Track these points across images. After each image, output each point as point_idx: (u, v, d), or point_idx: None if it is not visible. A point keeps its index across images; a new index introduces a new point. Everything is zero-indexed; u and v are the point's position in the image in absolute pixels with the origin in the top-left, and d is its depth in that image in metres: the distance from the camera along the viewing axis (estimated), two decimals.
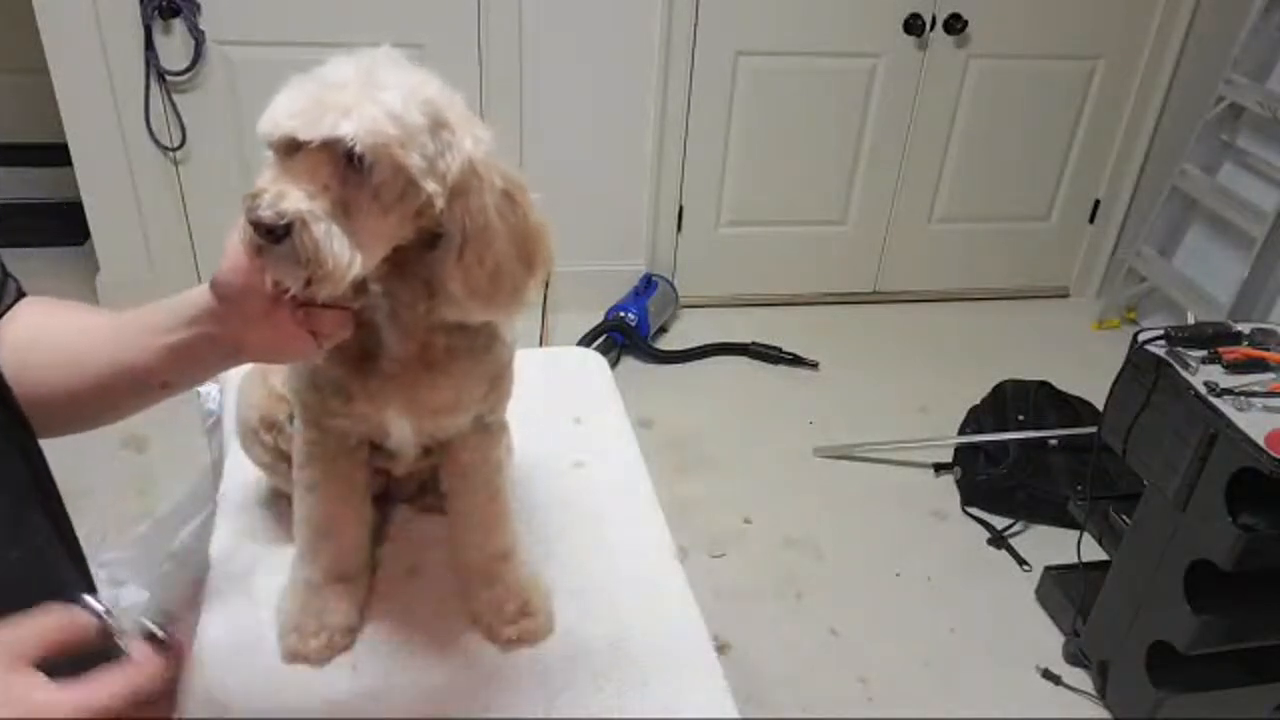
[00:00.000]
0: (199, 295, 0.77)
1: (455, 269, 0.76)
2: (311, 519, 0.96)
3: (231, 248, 0.74)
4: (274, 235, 0.68)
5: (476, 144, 0.76)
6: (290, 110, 0.71)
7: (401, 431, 0.90)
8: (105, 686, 0.54)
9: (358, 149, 0.69)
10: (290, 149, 0.71)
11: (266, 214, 0.68)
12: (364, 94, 0.71)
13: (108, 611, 0.55)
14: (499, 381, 0.92)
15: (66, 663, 0.54)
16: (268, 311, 0.75)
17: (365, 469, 0.97)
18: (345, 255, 0.69)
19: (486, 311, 0.81)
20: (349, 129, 0.69)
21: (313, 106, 0.70)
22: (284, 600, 0.97)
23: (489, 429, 0.96)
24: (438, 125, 0.74)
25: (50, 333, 0.81)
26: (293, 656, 0.94)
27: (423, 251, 0.78)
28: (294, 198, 0.68)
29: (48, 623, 0.54)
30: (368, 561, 1.01)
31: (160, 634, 0.56)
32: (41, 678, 0.53)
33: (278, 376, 1.01)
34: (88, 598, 0.55)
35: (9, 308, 0.81)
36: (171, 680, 0.57)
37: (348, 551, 0.98)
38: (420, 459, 0.99)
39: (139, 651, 0.56)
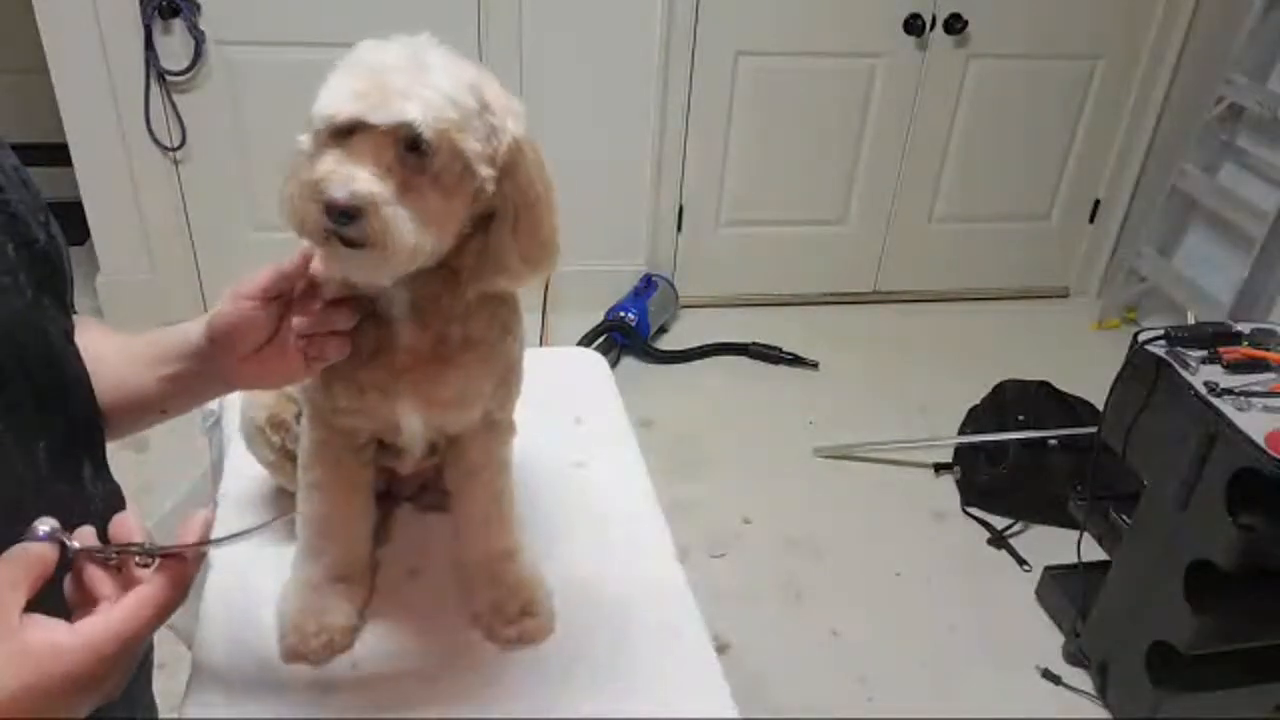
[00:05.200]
0: (194, 332, 0.80)
1: (511, 243, 0.78)
2: (315, 518, 0.95)
3: (234, 293, 0.77)
4: (346, 217, 0.68)
5: (517, 122, 0.77)
6: (354, 92, 0.70)
7: (412, 426, 0.90)
8: (118, 616, 0.55)
9: (424, 134, 0.69)
10: (344, 133, 0.70)
11: (340, 194, 0.67)
12: (420, 78, 0.71)
13: (54, 532, 0.56)
14: (509, 375, 0.92)
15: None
16: (260, 348, 0.78)
17: (370, 469, 0.97)
18: (412, 239, 0.70)
19: (536, 275, 0.82)
20: (416, 113, 0.68)
21: (375, 90, 0.70)
22: (284, 600, 0.97)
23: (497, 426, 0.96)
24: (483, 108, 0.75)
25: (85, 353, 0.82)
26: (293, 656, 0.94)
27: (469, 236, 0.79)
28: (365, 179, 0.68)
29: (21, 564, 0.55)
30: (369, 561, 1.01)
31: (159, 550, 0.58)
32: (34, 623, 0.53)
33: None
34: (38, 525, 0.56)
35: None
36: (184, 584, 0.59)
37: (350, 551, 0.98)
38: (425, 458, 0.99)
39: (144, 574, 0.58)
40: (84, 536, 0.58)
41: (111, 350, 0.83)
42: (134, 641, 0.56)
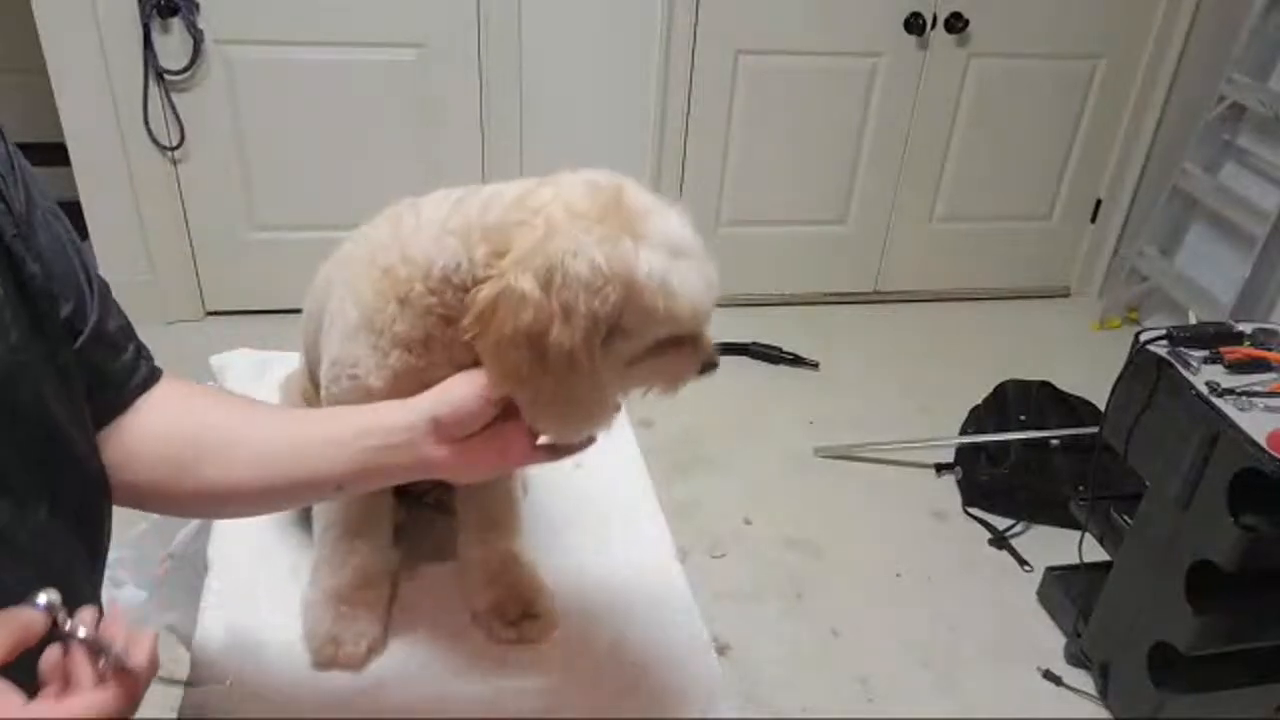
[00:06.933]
0: (405, 410, 0.76)
1: None
2: (342, 521, 0.95)
3: (465, 382, 0.76)
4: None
5: None
6: (709, 287, 0.74)
7: None
8: (77, 706, 0.55)
9: None
10: None
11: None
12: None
13: (52, 606, 0.56)
14: None
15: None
16: (471, 435, 0.76)
17: None
18: None
19: None
20: None
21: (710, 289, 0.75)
22: (313, 608, 0.96)
23: None
24: None
25: (230, 430, 0.78)
26: (329, 664, 0.94)
27: None
28: None
29: (8, 626, 0.55)
30: (392, 562, 1.01)
31: (126, 662, 0.57)
32: (8, 690, 0.53)
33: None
34: (39, 596, 0.56)
35: (142, 391, 0.77)
36: (134, 701, 0.58)
37: (376, 553, 0.97)
38: None
39: (106, 676, 0.57)
40: (85, 618, 0.57)
41: (279, 425, 0.80)
42: None
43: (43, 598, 0.56)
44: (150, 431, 0.76)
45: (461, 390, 0.75)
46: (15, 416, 0.63)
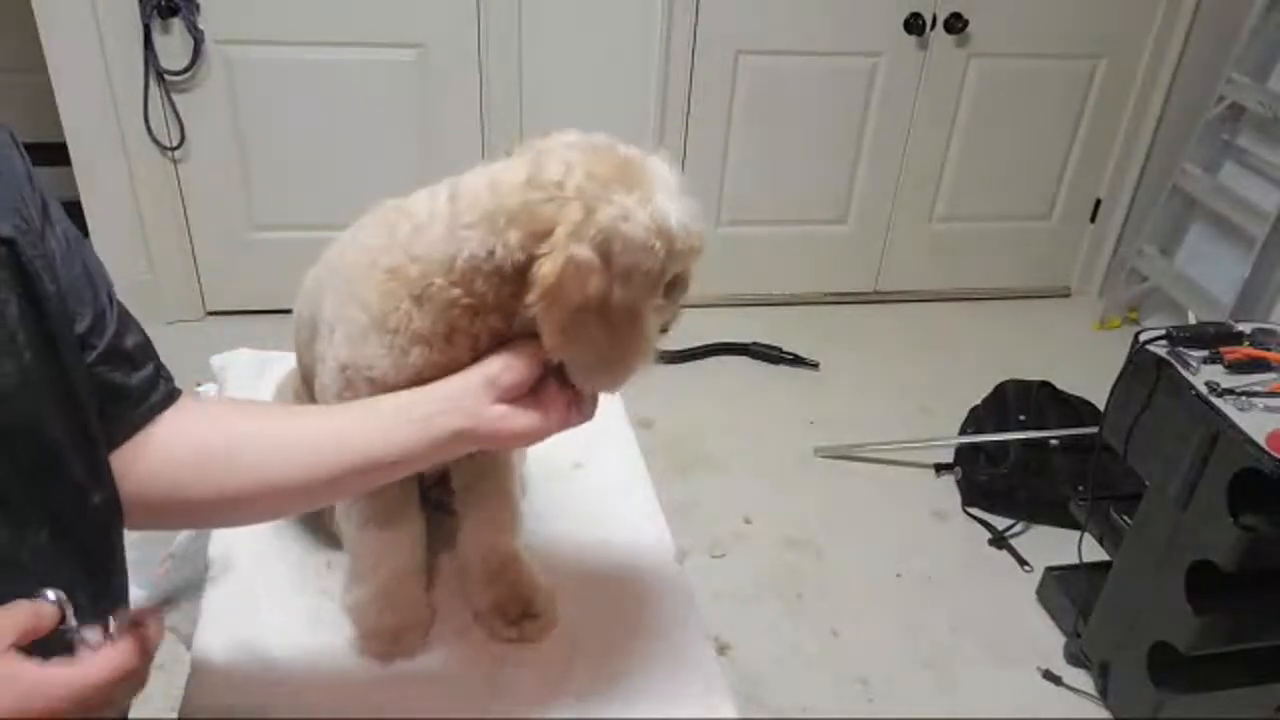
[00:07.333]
0: (449, 383, 0.78)
1: None
2: (375, 518, 0.94)
3: (513, 351, 0.78)
4: None
5: None
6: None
7: None
8: (93, 664, 0.57)
9: None
10: None
11: None
12: None
13: (62, 601, 0.59)
14: None
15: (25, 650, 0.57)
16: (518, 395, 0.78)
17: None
18: None
19: None
20: None
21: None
22: (360, 607, 0.96)
23: None
24: None
25: (263, 431, 0.80)
26: (389, 659, 0.95)
27: None
28: None
29: (19, 613, 0.56)
30: (423, 550, 1.00)
31: (135, 621, 0.60)
32: (23, 658, 0.55)
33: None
34: (48, 591, 0.58)
35: (162, 408, 0.77)
36: (147, 659, 0.60)
37: (411, 543, 0.97)
38: None
39: (117, 636, 0.59)
40: (92, 636, 0.59)
41: (309, 414, 0.82)
42: (87, 690, 0.56)
43: (51, 594, 0.58)
44: (177, 442, 0.76)
45: (508, 354, 0.78)
46: (14, 438, 0.63)
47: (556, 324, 0.74)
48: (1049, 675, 1.98)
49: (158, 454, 0.75)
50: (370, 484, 0.82)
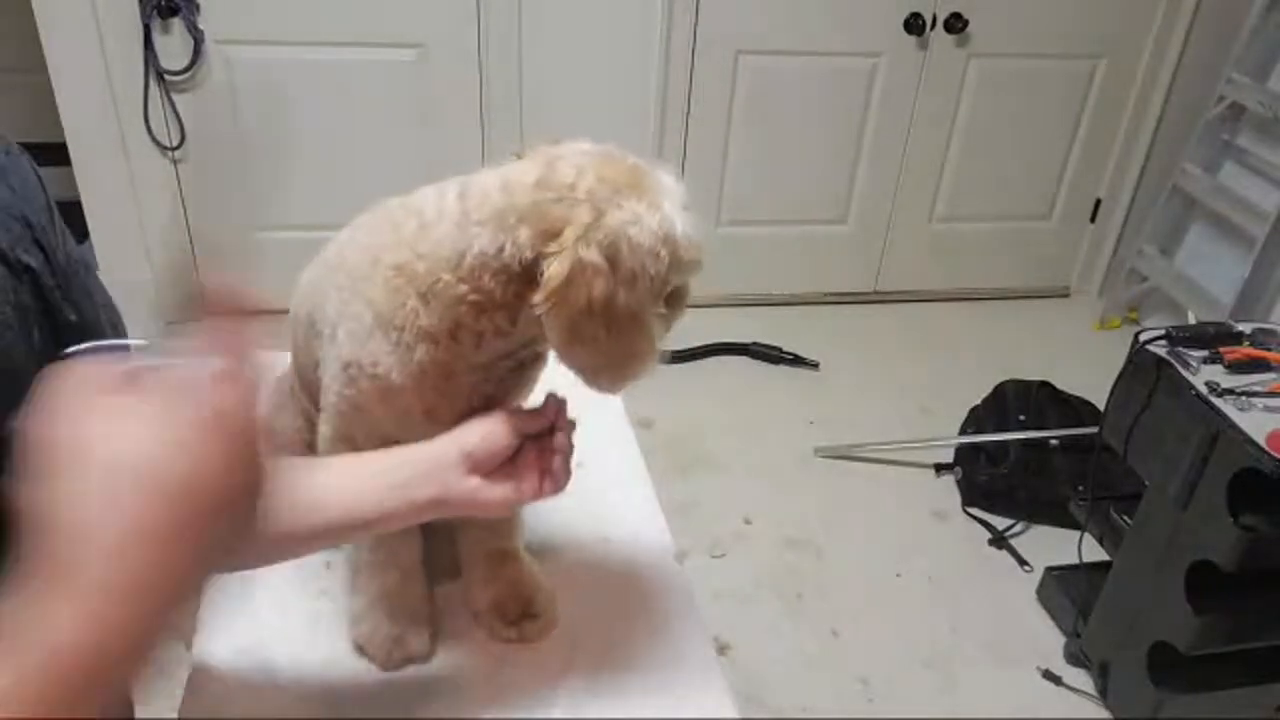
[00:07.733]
0: (425, 449, 0.80)
1: None
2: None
3: (493, 421, 0.80)
4: None
5: None
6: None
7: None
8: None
9: None
10: None
11: None
12: None
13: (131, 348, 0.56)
14: (535, 382, 0.93)
15: None
16: (494, 468, 0.80)
17: None
18: None
19: None
20: None
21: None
22: (366, 615, 0.96)
23: None
24: None
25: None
26: (399, 665, 0.95)
27: None
28: None
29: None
30: (422, 553, 1.00)
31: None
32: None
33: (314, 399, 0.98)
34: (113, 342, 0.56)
35: None
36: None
37: (413, 548, 0.97)
38: None
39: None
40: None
41: (288, 472, 0.79)
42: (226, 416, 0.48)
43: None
44: None
45: (488, 423, 0.80)
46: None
47: (562, 324, 0.75)
48: (1049, 675, 1.98)
49: None
50: (344, 542, 0.83)
